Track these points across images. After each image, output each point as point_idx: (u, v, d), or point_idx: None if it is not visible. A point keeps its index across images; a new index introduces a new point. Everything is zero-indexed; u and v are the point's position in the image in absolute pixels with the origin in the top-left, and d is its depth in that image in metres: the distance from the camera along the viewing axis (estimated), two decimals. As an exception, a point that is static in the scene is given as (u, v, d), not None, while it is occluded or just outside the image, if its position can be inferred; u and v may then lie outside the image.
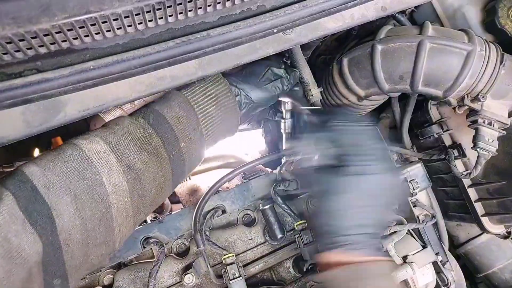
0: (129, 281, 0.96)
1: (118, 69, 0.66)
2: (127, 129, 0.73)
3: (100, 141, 0.68)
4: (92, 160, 0.66)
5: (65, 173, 0.63)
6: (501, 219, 1.11)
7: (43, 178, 0.61)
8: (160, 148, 0.76)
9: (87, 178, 0.64)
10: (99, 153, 0.67)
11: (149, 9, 0.61)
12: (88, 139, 0.68)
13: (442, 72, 0.90)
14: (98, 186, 0.65)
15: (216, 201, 1.04)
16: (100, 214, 0.65)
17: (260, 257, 1.02)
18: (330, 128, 0.80)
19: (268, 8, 0.75)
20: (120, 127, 0.73)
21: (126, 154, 0.70)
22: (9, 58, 0.59)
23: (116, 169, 0.68)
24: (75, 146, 0.67)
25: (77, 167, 0.64)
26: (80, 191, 0.63)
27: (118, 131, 0.72)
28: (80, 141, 0.68)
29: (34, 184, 0.60)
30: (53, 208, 0.60)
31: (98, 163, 0.66)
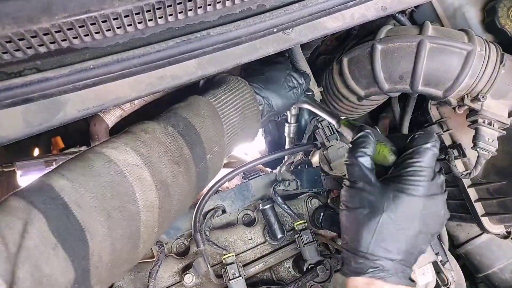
0: (129, 281, 0.96)
1: (118, 68, 0.66)
2: (158, 139, 0.69)
3: (131, 152, 0.64)
4: (126, 174, 0.61)
5: (98, 188, 0.58)
6: (501, 219, 1.11)
7: (74, 194, 0.55)
8: (189, 160, 0.72)
9: (120, 194, 0.60)
10: (132, 166, 0.62)
11: (149, 9, 0.61)
12: (118, 149, 0.63)
13: (442, 72, 0.90)
14: (131, 203, 0.61)
15: (216, 201, 1.04)
16: (129, 233, 0.61)
17: (260, 257, 1.02)
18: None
19: (268, 8, 0.75)
20: (151, 136, 0.68)
21: (159, 168, 0.66)
22: (9, 57, 0.59)
23: (149, 184, 0.64)
24: (105, 157, 0.62)
25: (110, 181, 0.59)
26: (113, 209, 0.58)
27: (148, 141, 0.67)
28: (110, 151, 0.63)
29: (66, 201, 0.54)
30: (86, 229, 0.54)
31: (131, 177, 0.62)
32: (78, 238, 0.54)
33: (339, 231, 1.01)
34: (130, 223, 0.61)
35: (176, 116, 0.74)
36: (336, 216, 1.01)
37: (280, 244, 1.03)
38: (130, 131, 0.69)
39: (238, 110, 0.83)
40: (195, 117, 0.76)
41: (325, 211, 1.02)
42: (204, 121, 0.76)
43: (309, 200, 1.06)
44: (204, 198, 0.98)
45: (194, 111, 0.77)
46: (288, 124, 1.18)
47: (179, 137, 0.71)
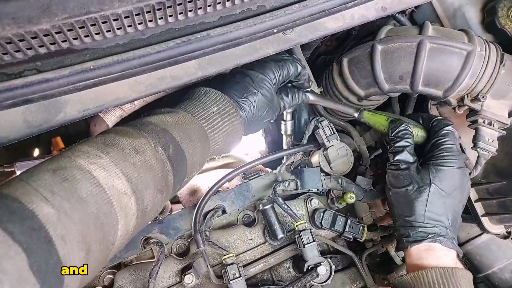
0: (129, 281, 0.96)
1: (118, 69, 0.66)
2: (149, 163, 0.64)
3: (121, 177, 0.59)
4: (113, 204, 0.57)
5: (84, 220, 0.52)
6: (501, 219, 1.11)
7: (60, 227, 0.49)
8: (170, 186, 0.70)
9: (104, 226, 0.55)
10: (120, 194, 0.58)
11: (149, 9, 0.61)
12: (107, 171, 0.57)
13: (442, 72, 0.90)
14: (112, 235, 0.57)
15: (216, 201, 1.04)
16: (101, 261, 0.58)
17: (260, 257, 1.02)
18: None
19: (268, 8, 0.75)
20: (141, 158, 0.63)
21: (143, 196, 0.62)
22: (9, 58, 0.59)
23: (132, 214, 0.60)
24: (93, 179, 0.55)
25: (97, 212, 0.54)
26: (95, 242, 0.54)
27: (138, 165, 0.62)
28: (98, 171, 0.57)
29: (50, 235, 0.47)
30: (66, 265, 0.49)
31: (118, 207, 0.57)
32: (57, 276, 0.48)
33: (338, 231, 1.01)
34: (104, 253, 0.57)
35: (166, 135, 0.70)
36: (336, 217, 1.01)
37: (280, 244, 1.03)
38: (119, 144, 0.63)
39: (225, 135, 0.82)
40: (186, 141, 0.72)
41: (325, 211, 1.02)
42: (194, 148, 0.74)
43: (309, 200, 1.06)
44: (204, 198, 0.98)
45: (186, 134, 0.73)
46: (284, 122, 1.18)
47: (167, 163, 0.68)
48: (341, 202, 1.03)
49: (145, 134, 0.67)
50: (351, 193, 0.99)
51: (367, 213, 1.10)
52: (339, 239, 1.09)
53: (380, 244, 1.10)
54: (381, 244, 1.10)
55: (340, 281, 1.04)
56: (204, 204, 0.98)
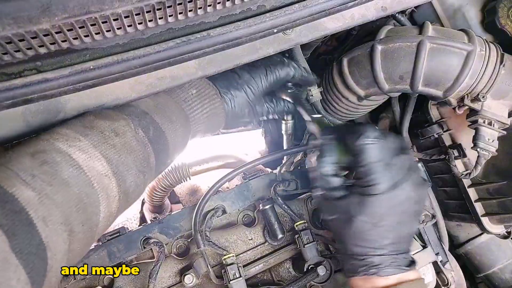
0: (129, 281, 0.96)
1: (118, 69, 0.66)
2: (129, 145, 0.64)
3: (101, 159, 0.59)
4: (94, 186, 0.57)
5: (66, 202, 0.53)
6: (501, 219, 1.11)
7: (41, 209, 0.49)
8: (153, 168, 0.70)
9: (87, 207, 0.56)
10: (100, 176, 0.58)
11: (149, 9, 0.61)
12: (87, 153, 0.58)
13: (442, 72, 0.90)
14: (94, 216, 0.57)
15: (216, 201, 1.04)
16: (85, 244, 0.59)
17: (260, 257, 1.02)
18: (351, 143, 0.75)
19: (268, 8, 0.74)
20: (121, 140, 0.63)
21: (125, 177, 0.63)
22: (9, 58, 0.59)
23: (114, 195, 0.61)
24: (73, 161, 0.56)
25: (79, 193, 0.55)
26: (77, 223, 0.54)
27: (119, 146, 0.62)
28: (78, 154, 0.57)
29: (31, 217, 0.48)
30: (49, 247, 0.49)
31: (99, 189, 0.58)
32: (40, 258, 0.48)
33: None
34: (88, 234, 0.58)
35: (146, 117, 0.70)
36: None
37: (280, 244, 1.03)
38: (98, 127, 0.62)
39: (206, 116, 0.82)
40: (167, 123, 0.72)
41: (325, 211, 1.02)
42: (175, 130, 0.74)
43: (309, 200, 1.06)
44: (204, 198, 0.98)
45: (166, 116, 0.73)
46: (284, 122, 1.18)
47: (148, 145, 0.68)
48: (341, 202, 1.03)
49: (125, 116, 0.68)
50: (351, 193, 0.99)
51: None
52: (339, 239, 1.09)
53: (380, 244, 1.09)
54: (381, 244, 1.09)
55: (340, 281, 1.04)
56: (204, 204, 0.98)
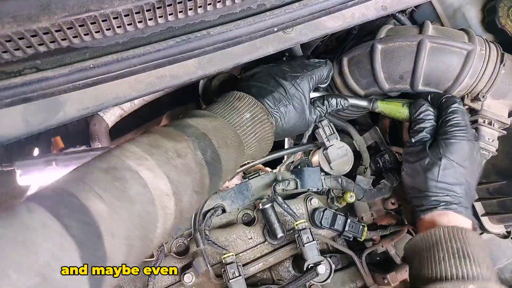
0: (128, 280, 0.96)
1: (117, 68, 0.66)
2: (189, 166, 0.68)
3: (164, 178, 0.62)
4: (155, 204, 0.60)
5: (130, 218, 0.56)
6: (501, 219, 1.11)
7: (110, 223, 0.53)
8: (206, 189, 0.73)
9: (145, 224, 0.59)
10: (162, 195, 0.62)
11: (149, 8, 0.61)
12: (153, 172, 0.61)
13: (442, 71, 0.90)
14: (152, 233, 0.61)
15: (216, 201, 1.04)
16: (138, 259, 0.62)
17: (260, 256, 1.02)
18: None
19: (269, 7, 0.74)
20: (183, 161, 0.67)
21: (182, 197, 0.65)
22: (8, 56, 0.59)
23: (170, 214, 0.63)
24: (141, 180, 0.59)
25: (141, 211, 0.58)
26: (136, 238, 0.57)
27: (180, 168, 0.66)
28: (145, 172, 0.60)
29: (101, 231, 0.51)
30: (109, 259, 0.52)
31: (159, 207, 0.61)
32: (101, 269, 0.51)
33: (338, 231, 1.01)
34: (143, 249, 0.61)
35: (205, 140, 0.73)
36: (335, 216, 1.01)
37: (280, 243, 1.03)
38: (162, 146, 0.66)
39: (258, 140, 0.84)
40: (223, 147, 0.75)
41: (324, 210, 1.02)
42: (229, 154, 0.77)
43: (308, 200, 1.06)
44: (204, 197, 0.98)
45: (223, 140, 0.76)
46: None
47: (205, 167, 0.71)
48: (341, 202, 1.03)
49: (186, 137, 0.71)
50: (351, 193, 0.99)
51: (367, 212, 1.10)
52: (339, 238, 1.09)
53: (380, 243, 1.10)
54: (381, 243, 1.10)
55: (340, 280, 1.04)
56: (204, 203, 0.98)
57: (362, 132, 1.17)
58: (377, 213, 1.12)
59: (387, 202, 1.12)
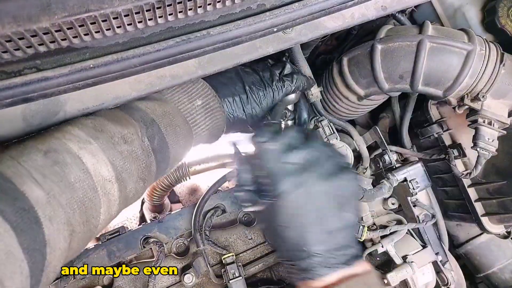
0: (128, 281, 0.96)
1: (117, 68, 0.66)
2: (135, 153, 0.66)
3: (108, 164, 0.61)
4: (98, 190, 0.59)
5: (71, 204, 0.55)
6: (501, 219, 1.11)
7: (48, 209, 0.51)
8: (153, 176, 0.72)
9: (88, 210, 0.58)
10: (105, 181, 0.60)
11: (149, 8, 0.61)
12: (96, 157, 0.60)
13: (442, 71, 0.90)
14: (94, 218, 0.60)
15: (216, 201, 1.04)
16: (83, 243, 0.61)
17: (260, 256, 1.02)
18: None
19: (268, 7, 0.74)
20: (129, 147, 0.65)
21: (127, 184, 0.65)
22: (8, 56, 0.59)
23: (114, 200, 0.63)
24: (82, 164, 0.58)
25: (82, 197, 0.57)
26: (78, 224, 0.57)
27: (125, 153, 0.64)
28: (87, 156, 0.59)
29: (38, 216, 0.50)
30: (49, 244, 0.51)
31: (102, 194, 0.60)
32: (41, 253, 0.50)
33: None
34: (87, 234, 0.60)
35: (153, 126, 0.71)
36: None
37: (280, 244, 1.03)
38: (108, 131, 0.64)
39: (208, 129, 0.83)
40: (171, 134, 0.74)
41: (325, 211, 1.02)
42: (178, 141, 0.75)
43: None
44: (204, 198, 0.98)
45: (172, 127, 0.74)
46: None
47: (152, 154, 0.70)
48: (341, 202, 1.03)
49: (134, 122, 0.69)
50: (351, 193, 0.99)
51: (367, 212, 1.10)
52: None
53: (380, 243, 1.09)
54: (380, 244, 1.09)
55: (340, 280, 1.04)
56: (204, 204, 0.98)
57: (362, 132, 1.17)
58: (377, 213, 1.12)
59: (387, 202, 1.12)
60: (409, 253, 1.04)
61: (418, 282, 1.01)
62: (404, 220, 1.10)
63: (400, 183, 1.04)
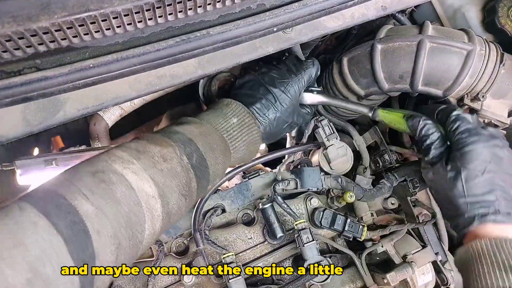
0: (128, 280, 0.96)
1: (117, 67, 0.66)
2: (175, 170, 0.70)
3: (150, 181, 0.65)
4: (142, 205, 0.63)
5: (117, 218, 0.58)
6: (501, 219, 1.11)
7: (97, 222, 0.55)
8: (194, 192, 0.76)
9: (133, 224, 0.61)
10: (148, 197, 0.64)
11: (149, 8, 0.61)
12: (138, 176, 0.64)
13: (442, 71, 0.90)
14: (140, 233, 0.63)
15: (216, 200, 1.04)
16: (130, 257, 0.64)
17: (260, 256, 1.02)
18: None
19: (268, 7, 0.74)
20: (168, 165, 0.69)
21: (169, 199, 0.68)
22: (8, 56, 0.59)
23: (157, 215, 0.66)
24: (126, 182, 0.62)
25: (128, 212, 0.60)
26: (125, 238, 0.60)
27: (165, 171, 0.68)
28: (131, 176, 0.63)
29: (87, 228, 0.54)
30: (98, 257, 0.55)
31: (146, 209, 0.63)
32: (90, 265, 0.53)
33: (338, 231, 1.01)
34: (133, 249, 0.63)
35: (191, 145, 0.76)
36: (335, 216, 1.01)
37: (280, 243, 1.03)
38: (149, 151, 0.69)
39: (245, 144, 0.87)
40: (209, 151, 0.78)
41: (324, 210, 1.02)
42: (216, 158, 0.79)
43: (308, 200, 1.06)
44: (204, 197, 0.98)
45: (209, 145, 0.79)
46: None
47: (191, 171, 0.73)
48: (340, 201, 1.03)
49: (172, 143, 0.73)
50: (350, 192, 0.99)
51: (367, 212, 1.10)
52: (338, 238, 1.09)
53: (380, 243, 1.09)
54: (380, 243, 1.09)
55: (340, 280, 1.04)
56: (204, 203, 0.98)
57: (362, 132, 1.17)
58: (377, 213, 1.12)
59: (387, 202, 1.12)
60: (409, 252, 1.04)
61: (418, 281, 1.01)
62: (404, 219, 1.10)
63: (400, 183, 1.04)
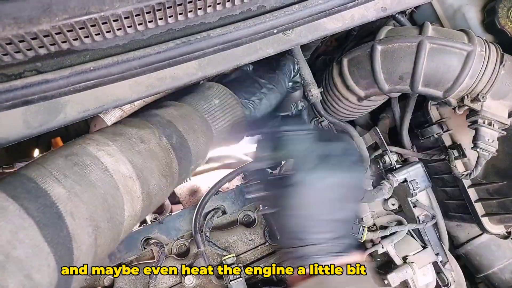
0: (129, 282, 0.96)
1: (118, 70, 0.66)
2: (153, 151, 0.69)
3: (126, 163, 0.64)
4: (119, 187, 0.62)
5: (92, 201, 0.58)
6: (501, 219, 1.11)
7: (70, 205, 0.54)
8: (175, 173, 0.74)
9: (111, 207, 0.60)
10: (125, 178, 0.63)
11: (149, 10, 0.61)
12: (114, 157, 0.63)
13: (442, 72, 0.90)
14: (119, 215, 0.62)
15: (216, 202, 1.04)
16: (111, 240, 0.63)
17: (261, 257, 1.02)
18: None
19: (268, 9, 0.75)
20: (146, 146, 0.68)
21: (148, 180, 0.67)
22: (9, 59, 0.59)
23: (137, 196, 0.65)
24: (101, 165, 0.61)
25: (104, 194, 0.60)
26: (102, 220, 0.59)
27: (143, 152, 0.67)
28: (106, 158, 0.62)
29: (60, 211, 0.53)
30: (75, 239, 0.54)
31: (123, 190, 0.62)
32: (67, 248, 0.53)
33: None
34: (113, 231, 0.62)
35: (170, 126, 0.74)
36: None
37: (281, 244, 1.03)
38: (126, 134, 0.68)
39: (228, 125, 0.85)
40: (190, 132, 0.76)
41: (325, 211, 1.02)
42: (198, 138, 0.78)
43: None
44: (204, 199, 0.98)
45: (189, 126, 0.77)
46: None
47: (171, 151, 0.72)
48: (341, 203, 1.03)
49: (151, 125, 0.72)
50: (351, 194, 0.99)
51: (367, 213, 1.10)
52: (339, 239, 1.09)
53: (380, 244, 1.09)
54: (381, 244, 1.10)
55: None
56: (204, 205, 0.98)
57: (362, 133, 1.17)
58: (377, 214, 1.12)
59: (387, 203, 1.12)
60: (410, 253, 1.04)
61: (419, 282, 1.01)
62: (404, 220, 1.10)
63: (400, 184, 1.04)
